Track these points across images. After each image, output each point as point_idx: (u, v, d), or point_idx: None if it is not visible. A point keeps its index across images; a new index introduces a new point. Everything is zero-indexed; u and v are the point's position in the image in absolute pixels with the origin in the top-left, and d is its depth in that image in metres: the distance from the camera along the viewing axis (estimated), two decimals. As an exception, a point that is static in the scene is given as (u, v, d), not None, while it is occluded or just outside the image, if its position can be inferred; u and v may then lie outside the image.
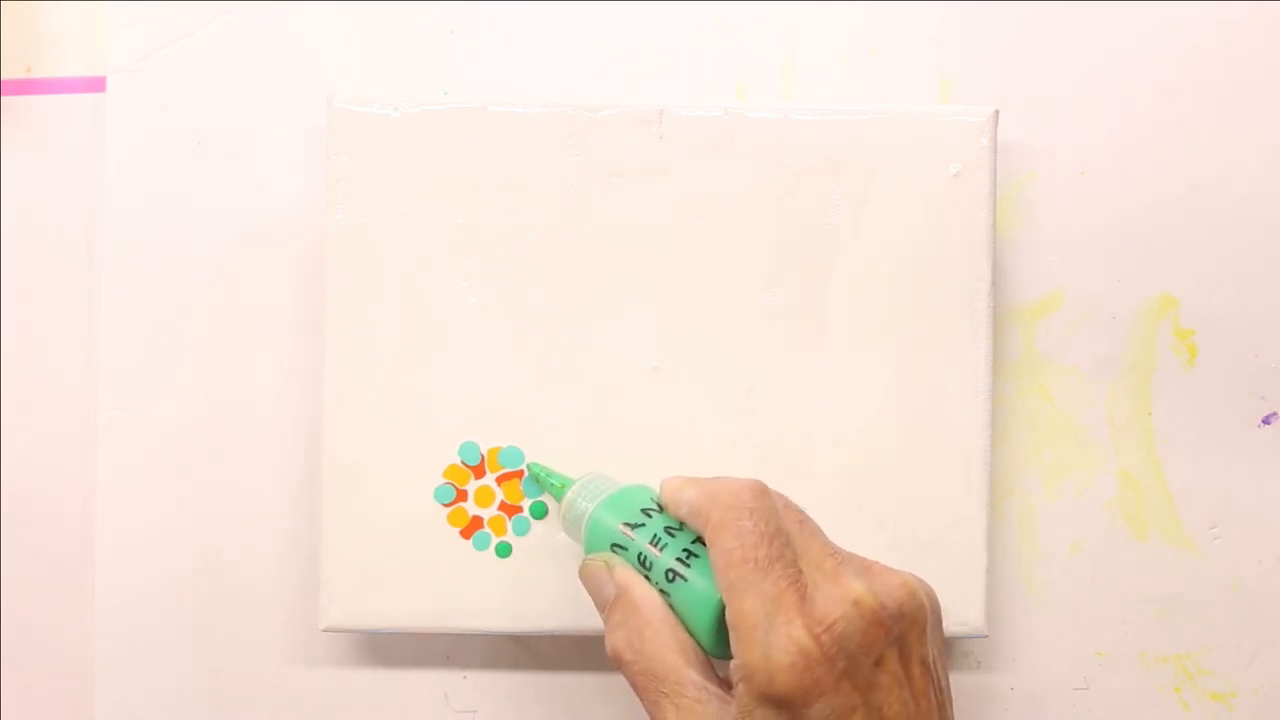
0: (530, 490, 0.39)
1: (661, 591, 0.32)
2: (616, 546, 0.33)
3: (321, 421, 0.39)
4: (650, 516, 0.33)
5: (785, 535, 0.31)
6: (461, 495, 0.38)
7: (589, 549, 0.34)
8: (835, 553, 0.31)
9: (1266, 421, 0.43)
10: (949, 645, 0.42)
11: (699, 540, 0.32)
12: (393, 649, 0.42)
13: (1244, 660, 0.43)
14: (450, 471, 0.39)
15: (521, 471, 0.39)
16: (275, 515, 0.42)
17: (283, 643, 0.42)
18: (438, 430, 0.39)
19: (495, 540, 0.38)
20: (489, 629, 0.39)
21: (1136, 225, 0.42)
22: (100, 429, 0.42)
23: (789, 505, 0.32)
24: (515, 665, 0.42)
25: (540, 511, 0.39)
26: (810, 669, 0.28)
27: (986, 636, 0.40)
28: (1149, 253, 0.43)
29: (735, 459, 0.39)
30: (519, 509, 0.39)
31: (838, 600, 0.29)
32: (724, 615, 0.30)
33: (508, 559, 0.39)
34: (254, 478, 0.42)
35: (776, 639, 0.29)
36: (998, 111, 0.39)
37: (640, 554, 0.33)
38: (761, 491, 0.31)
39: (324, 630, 0.39)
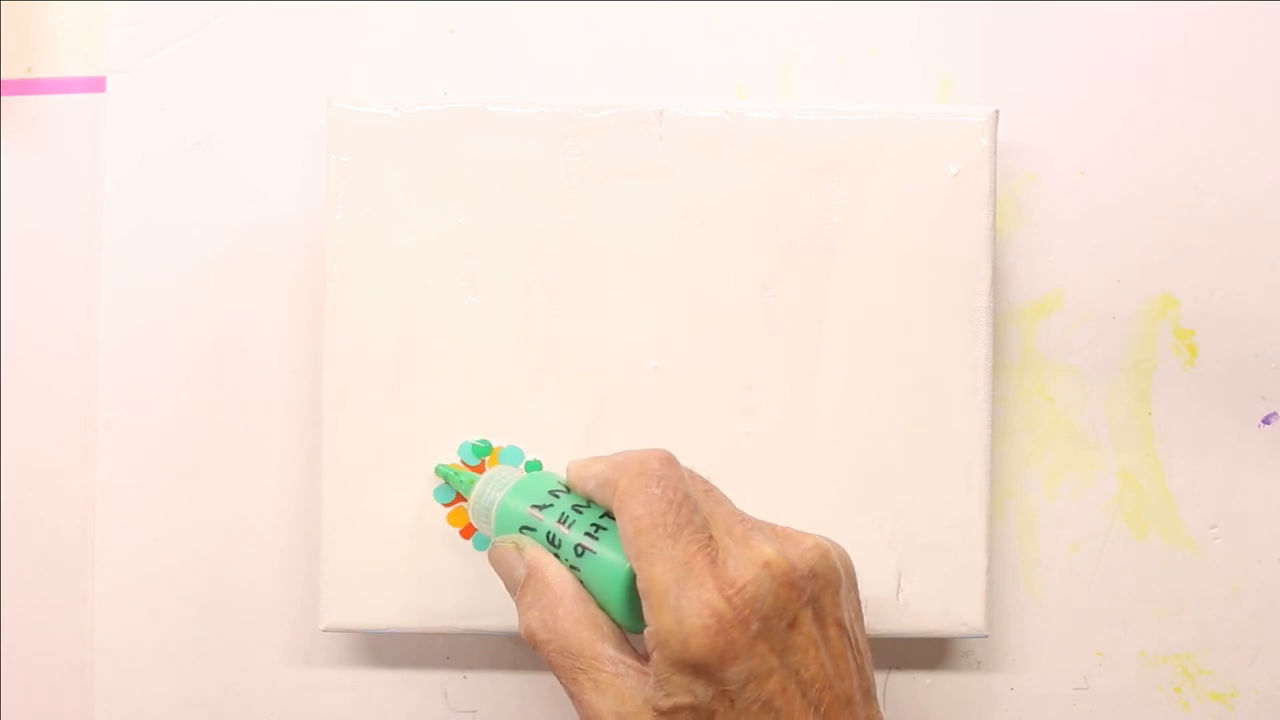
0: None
1: (572, 568, 0.32)
2: (525, 529, 0.33)
3: (321, 421, 0.39)
4: (558, 497, 0.33)
5: (693, 501, 0.30)
6: (461, 495, 0.38)
7: (498, 535, 0.34)
8: (744, 518, 0.31)
9: (1266, 421, 0.43)
10: (946, 646, 0.42)
11: (607, 515, 0.32)
12: (393, 649, 0.42)
13: (1244, 660, 0.43)
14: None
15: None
16: (275, 515, 0.42)
17: (283, 643, 0.42)
18: (438, 430, 0.39)
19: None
20: (489, 629, 0.39)
21: (1136, 225, 0.42)
22: (100, 429, 0.42)
23: (694, 474, 0.32)
24: (515, 665, 0.42)
25: (540, 511, 0.39)
26: (724, 631, 0.28)
27: (986, 636, 0.40)
28: (1149, 253, 0.43)
29: (735, 459, 0.39)
30: (519, 509, 0.39)
31: (748, 563, 0.29)
32: (635, 585, 0.30)
33: (508, 559, 0.38)
34: (254, 478, 0.42)
35: (688, 603, 0.28)
36: (998, 111, 0.39)
37: (549, 533, 0.32)
38: (668, 460, 0.31)
39: (324, 630, 0.39)
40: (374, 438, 0.38)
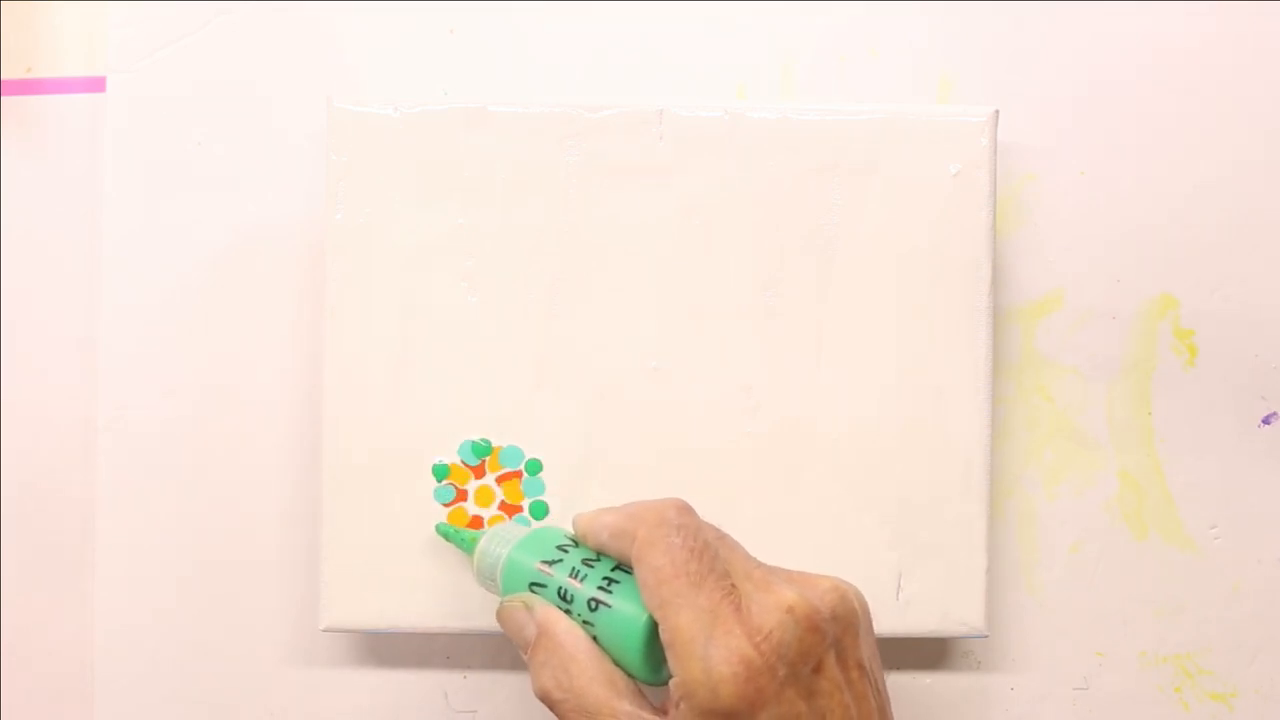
0: (530, 490, 0.39)
1: (585, 624, 0.32)
2: (535, 585, 0.33)
3: (321, 421, 0.39)
4: (567, 552, 0.33)
5: (713, 549, 0.31)
6: (461, 495, 0.38)
7: (506, 593, 0.34)
8: (760, 564, 0.31)
9: (1266, 421, 0.43)
10: (946, 646, 0.42)
11: (619, 567, 0.32)
12: (393, 649, 0.42)
13: (1244, 660, 0.43)
14: (450, 471, 0.39)
15: (520, 472, 0.39)
16: (275, 515, 0.42)
17: (283, 643, 0.42)
18: (438, 430, 0.39)
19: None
20: (489, 629, 0.38)
21: (1136, 225, 0.42)
22: (100, 429, 0.42)
23: (706, 522, 0.32)
24: (515, 665, 0.42)
25: (540, 511, 0.39)
26: (753, 679, 0.28)
27: (986, 636, 0.40)
28: (1149, 253, 0.43)
29: (735, 459, 0.39)
30: (519, 509, 0.39)
31: (772, 608, 0.29)
32: (653, 636, 0.30)
33: (508, 559, 0.38)
34: (254, 478, 0.42)
35: (716, 651, 0.28)
36: (998, 111, 0.39)
37: (560, 588, 0.32)
38: (685, 508, 0.31)
39: (324, 630, 0.39)
40: (374, 438, 0.38)
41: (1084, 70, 0.43)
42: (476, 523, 0.38)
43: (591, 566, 0.32)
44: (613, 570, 0.32)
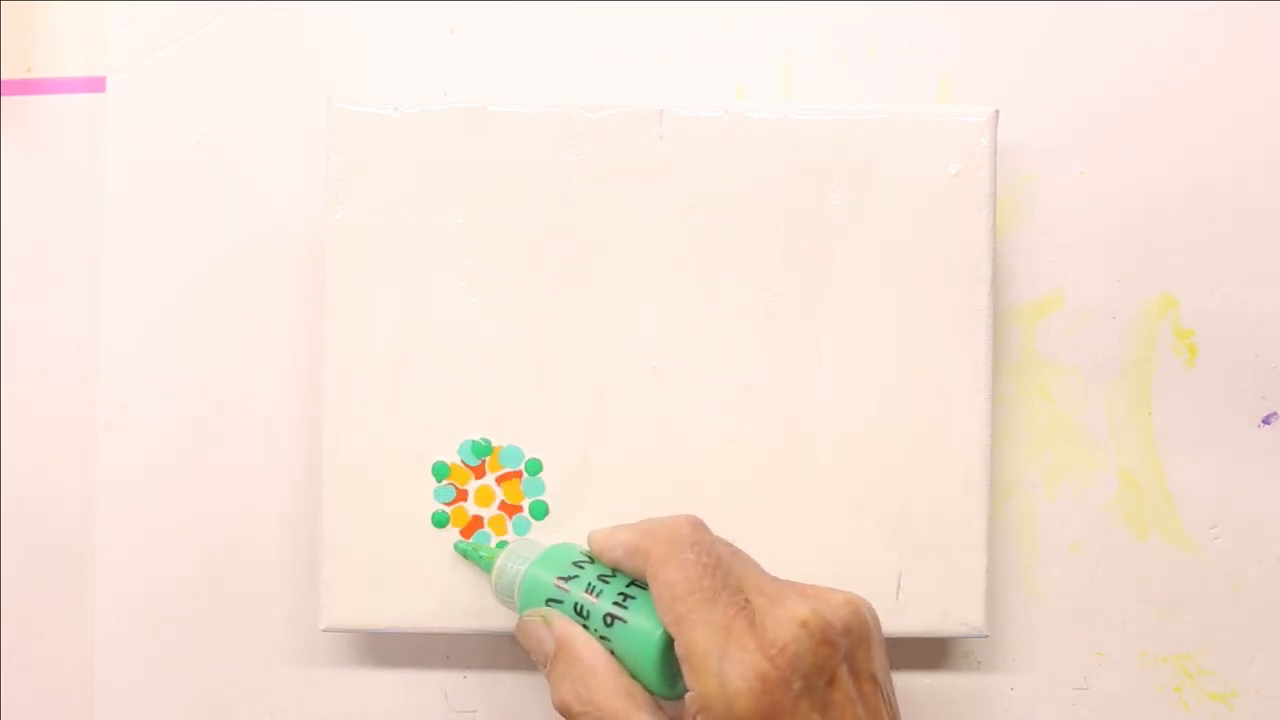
0: (530, 490, 0.39)
1: (602, 638, 0.32)
2: (552, 601, 0.33)
3: (321, 421, 0.39)
4: (582, 568, 0.34)
5: (726, 565, 0.31)
6: (462, 495, 0.38)
7: (524, 608, 0.34)
8: (774, 579, 0.32)
9: (1266, 421, 0.43)
10: (946, 646, 0.42)
11: (634, 583, 0.33)
12: (393, 649, 0.42)
13: (1244, 660, 0.43)
14: (450, 471, 0.39)
15: (520, 472, 0.39)
16: (275, 515, 0.42)
17: (283, 643, 0.42)
18: (438, 430, 0.39)
19: (495, 540, 0.38)
20: (489, 629, 0.39)
21: (1136, 225, 0.42)
22: (100, 429, 0.42)
23: (719, 538, 0.32)
24: (515, 665, 0.42)
25: (540, 512, 0.39)
26: (768, 692, 0.29)
27: (986, 636, 0.40)
28: (1149, 253, 0.43)
29: (735, 459, 0.39)
30: (519, 509, 0.39)
31: (786, 622, 0.29)
32: (668, 651, 0.31)
33: (508, 559, 0.38)
34: (254, 478, 0.42)
35: (731, 666, 0.29)
36: (998, 111, 0.39)
37: (576, 604, 0.33)
38: (698, 524, 0.32)
39: (324, 630, 0.39)
40: (374, 438, 0.38)
41: (1084, 70, 0.43)
42: (476, 522, 0.38)
43: (607, 582, 0.33)
44: (628, 586, 0.33)
